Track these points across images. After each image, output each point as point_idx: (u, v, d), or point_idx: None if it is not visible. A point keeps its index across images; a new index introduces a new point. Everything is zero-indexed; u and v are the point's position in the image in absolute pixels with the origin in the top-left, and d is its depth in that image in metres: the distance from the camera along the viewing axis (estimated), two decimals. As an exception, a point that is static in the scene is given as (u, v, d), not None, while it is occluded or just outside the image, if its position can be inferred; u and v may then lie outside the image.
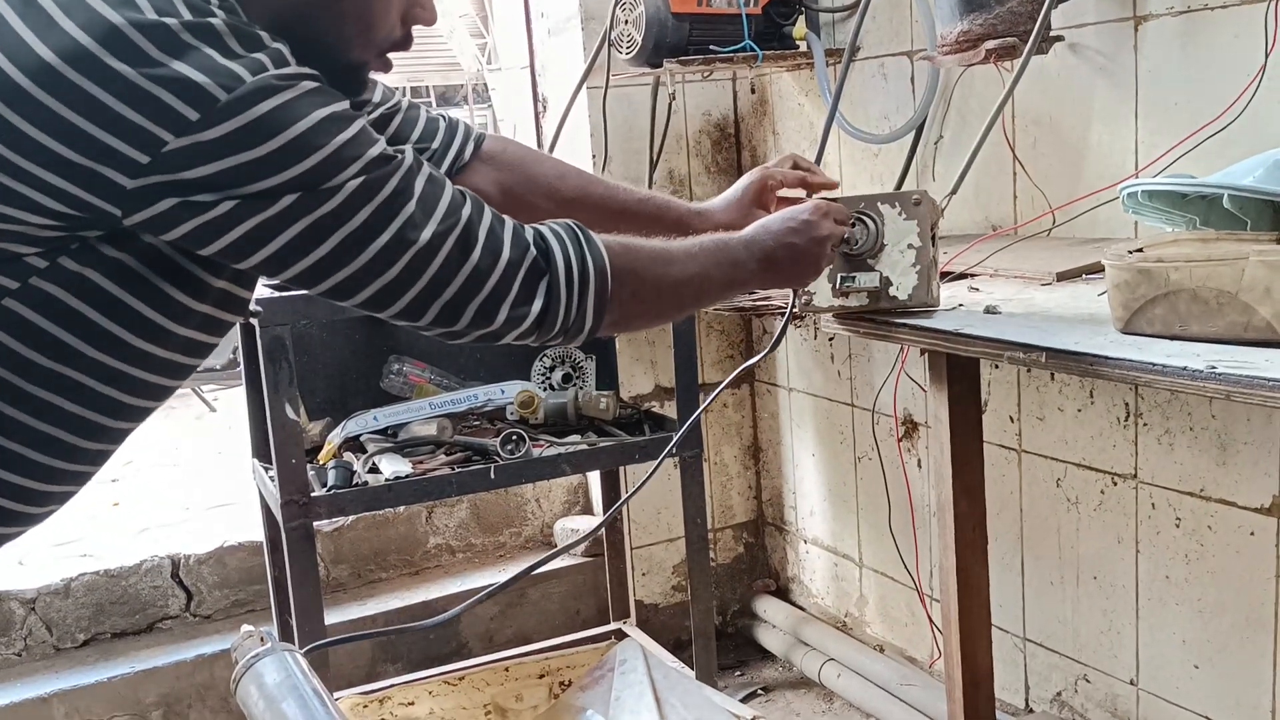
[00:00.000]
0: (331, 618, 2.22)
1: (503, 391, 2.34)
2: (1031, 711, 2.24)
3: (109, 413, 1.00)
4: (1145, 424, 1.91)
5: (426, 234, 0.98)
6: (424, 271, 0.99)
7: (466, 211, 1.02)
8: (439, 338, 1.06)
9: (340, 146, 0.92)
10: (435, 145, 1.37)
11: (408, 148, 1.00)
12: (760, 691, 2.71)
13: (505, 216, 1.06)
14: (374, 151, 0.95)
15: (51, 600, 2.45)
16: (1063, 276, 1.66)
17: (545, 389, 2.44)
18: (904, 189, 2.19)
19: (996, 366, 2.14)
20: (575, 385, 2.47)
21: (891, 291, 1.49)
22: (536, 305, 1.06)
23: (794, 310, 1.55)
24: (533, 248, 1.06)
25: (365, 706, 1.66)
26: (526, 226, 1.08)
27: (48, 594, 2.45)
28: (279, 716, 1.45)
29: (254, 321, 1.98)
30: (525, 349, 2.43)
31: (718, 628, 2.57)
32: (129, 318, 0.95)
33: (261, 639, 1.57)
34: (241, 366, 2.32)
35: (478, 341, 1.07)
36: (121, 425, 1.03)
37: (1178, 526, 1.88)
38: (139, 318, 0.95)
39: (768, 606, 2.96)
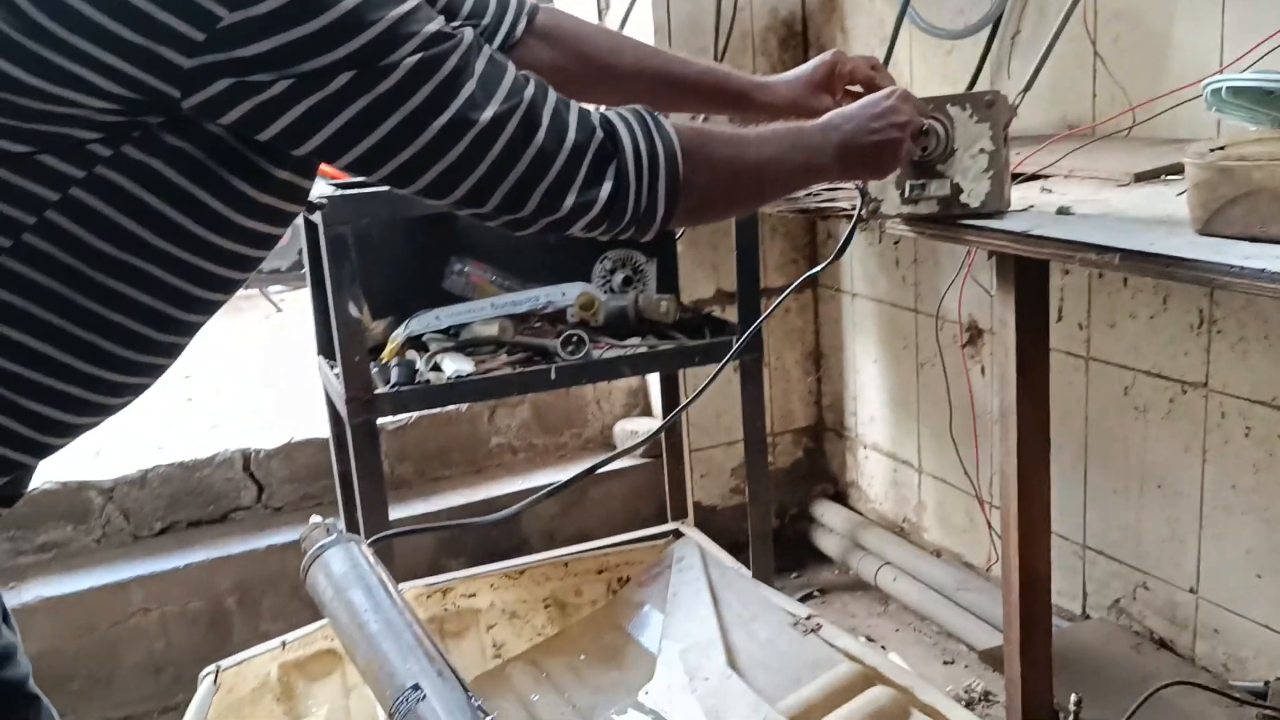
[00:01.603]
0: (395, 513, 2.27)
1: (564, 294, 2.34)
2: (1088, 618, 2.24)
3: (178, 304, 1.01)
4: (1219, 331, 1.86)
5: (488, 115, 0.96)
6: (486, 154, 0.97)
7: (529, 93, 0.99)
8: (505, 228, 1.05)
9: (395, 22, 0.90)
10: (486, 21, 1.32)
11: (466, 27, 0.98)
12: (816, 593, 2.74)
13: (570, 100, 1.04)
14: (431, 28, 0.93)
15: (128, 490, 2.54)
16: (1140, 177, 1.60)
17: (606, 292, 2.44)
18: (976, 89, 2.12)
19: (1067, 271, 2.09)
20: (636, 288, 2.46)
21: (963, 199, 1.45)
22: (605, 190, 1.03)
23: (861, 215, 1.52)
24: (599, 131, 1.03)
25: (428, 597, 1.71)
26: (592, 110, 1.06)
27: (125, 484, 2.53)
28: (346, 604, 1.51)
29: (317, 220, 1.99)
30: (588, 248, 2.42)
31: (775, 531, 2.59)
32: (194, 208, 0.96)
33: (328, 530, 1.62)
34: (306, 267, 2.35)
35: (546, 232, 1.05)
36: (191, 318, 1.05)
37: (1247, 436, 1.84)
38: (204, 208, 0.96)
39: (825, 511, 2.98)
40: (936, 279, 2.50)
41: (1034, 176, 1.67)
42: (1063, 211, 1.42)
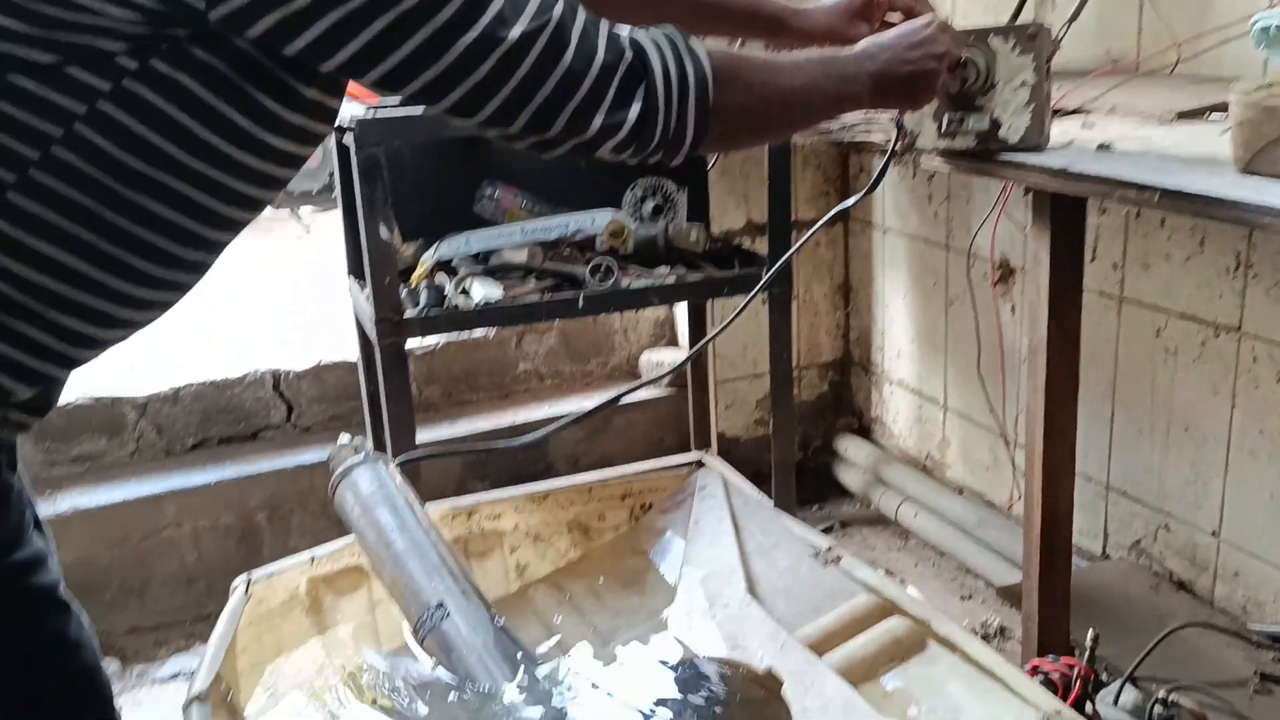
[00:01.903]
0: (422, 436, 2.30)
1: (593, 221, 2.33)
2: (1108, 558, 2.25)
3: (205, 221, 1.02)
4: (1255, 274, 1.83)
5: (516, 32, 0.95)
6: (514, 72, 0.96)
7: (558, 11, 0.98)
8: (533, 150, 1.04)
9: None
10: None
11: None
12: (837, 527, 2.76)
13: (600, 19, 1.03)
14: None
15: (161, 406, 2.57)
16: (1184, 115, 1.57)
17: (636, 220, 2.43)
18: (1020, 21, 2.07)
19: (1104, 210, 2.06)
20: (666, 217, 2.45)
21: (1001, 134, 1.42)
22: (634, 112, 1.02)
23: (896, 148, 1.50)
24: (629, 52, 1.02)
25: (453, 517, 1.73)
26: (623, 31, 1.05)
27: (158, 400, 2.57)
28: (373, 522, 1.54)
29: (349, 141, 1.99)
30: (618, 176, 2.41)
31: (797, 463, 2.60)
32: (222, 125, 0.96)
33: (356, 450, 1.65)
34: (338, 189, 2.35)
35: (574, 154, 1.04)
36: (217, 235, 1.05)
37: (1279, 380, 1.82)
38: (232, 126, 0.96)
39: (849, 445, 2.99)
40: (969, 215, 2.47)
41: (1075, 111, 1.64)
42: (1103, 148, 1.40)
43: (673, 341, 3.04)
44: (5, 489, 1.08)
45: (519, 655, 1.40)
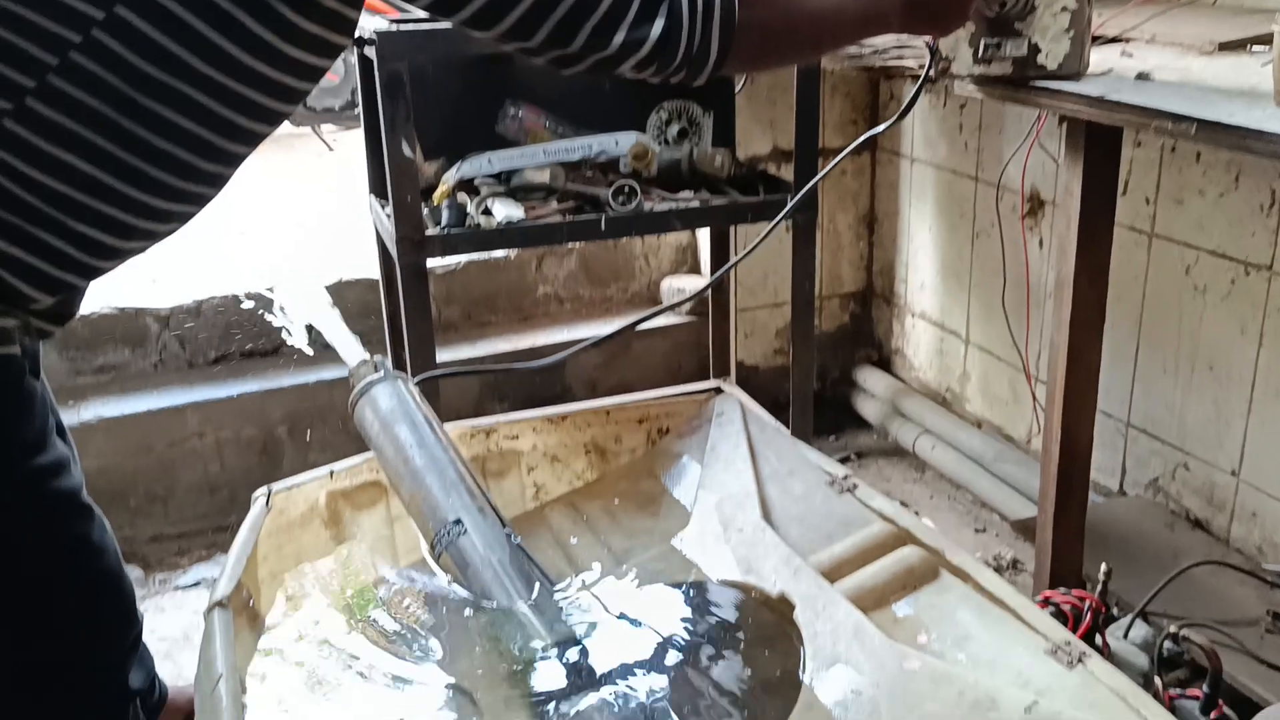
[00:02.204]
0: (441, 356, 2.30)
1: (617, 143, 2.30)
2: (1125, 495, 2.25)
3: (222, 132, 1.01)
4: (1291, 213, 1.80)
5: None
6: None
7: None
8: (553, 65, 1.03)
9: None
10: None
11: None
12: (853, 457, 2.77)
13: None
14: None
15: (184, 319, 2.59)
16: (1225, 46, 1.53)
17: (660, 143, 2.40)
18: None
19: (1139, 143, 2.02)
20: (691, 141, 2.41)
21: (1040, 60, 1.39)
22: (656, 28, 1.00)
23: (929, 75, 1.47)
24: None
25: (472, 436, 1.74)
26: None
27: (180, 313, 2.58)
28: (392, 438, 1.54)
29: (372, 55, 1.96)
30: (642, 97, 2.37)
31: (816, 394, 2.59)
32: (239, 33, 0.95)
33: (376, 367, 1.65)
34: (360, 105, 2.32)
35: (595, 71, 1.02)
36: (235, 148, 1.05)
37: (1309, 322, 1.80)
38: (248, 34, 0.95)
39: (868, 376, 2.98)
40: (1000, 146, 2.43)
41: (1114, 40, 1.60)
42: (1141, 78, 1.37)
43: (694, 269, 3.02)
44: (29, 395, 1.10)
45: (534, 574, 1.42)
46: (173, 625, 2.19)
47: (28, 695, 1.24)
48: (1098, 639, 1.56)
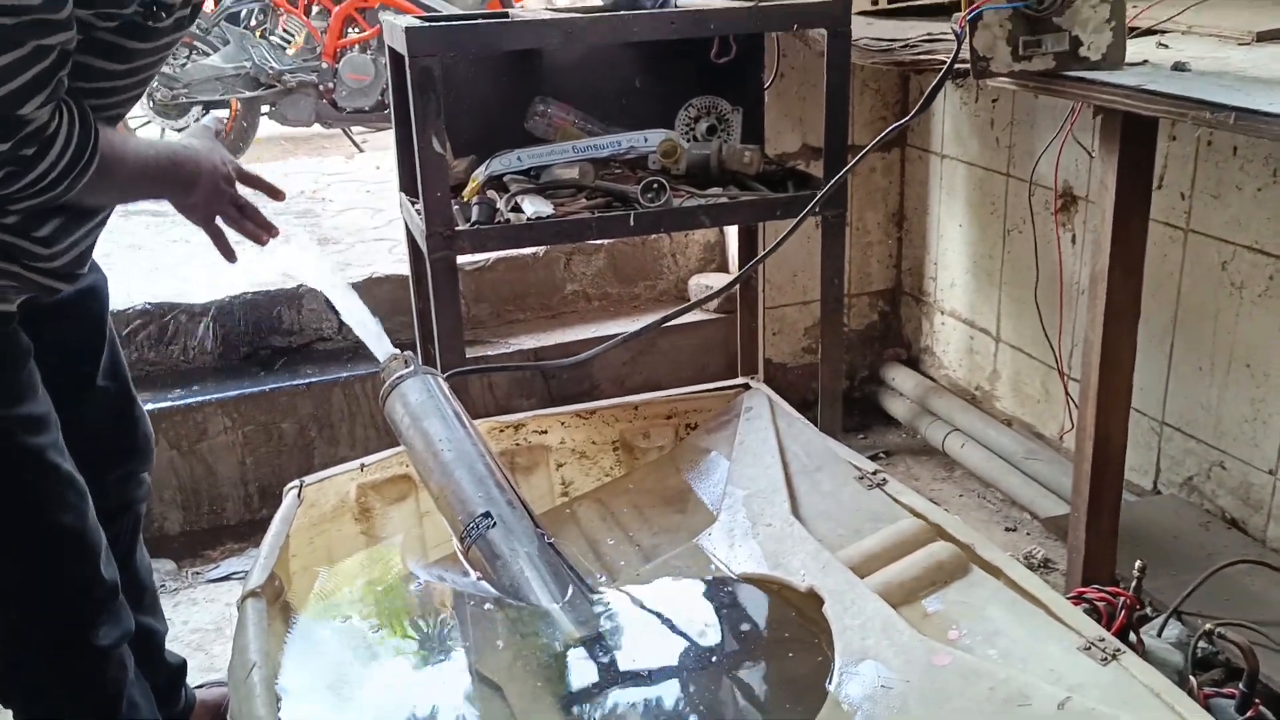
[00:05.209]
0: (470, 353, 2.31)
1: (646, 139, 2.30)
2: (1159, 494, 2.22)
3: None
4: (1330, 207, 1.77)
5: None
6: None
7: None
8: None
9: None
10: None
11: None
12: (882, 455, 2.75)
13: None
14: None
15: (216, 315, 2.61)
16: (1263, 37, 1.51)
17: (689, 140, 2.39)
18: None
19: (1174, 137, 2.00)
20: (719, 137, 2.41)
21: (1082, 53, 1.37)
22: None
23: (954, 64, 1.45)
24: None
25: (500, 431, 1.74)
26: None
27: (214, 309, 2.60)
28: (422, 433, 1.55)
29: (403, 51, 1.97)
30: (670, 94, 2.37)
31: (844, 392, 2.58)
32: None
33: (406, 362, 1.66)
34: (391, 103, 2.33)
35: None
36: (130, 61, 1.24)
37: (1348, 318, 1.78)
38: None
39: (897, 374, 2.96)
40: (1032, 141, 2.41)
41: (1150, 31, 1.58)
42: (1178, 68, 1.35)
43: (722, 267, 3.01)
44: (14, 348, 1.25)
45: (567, 574, 1.41)
46: (205, 617, 2.21)
47: None
48: (1131, 637, 1.54)
